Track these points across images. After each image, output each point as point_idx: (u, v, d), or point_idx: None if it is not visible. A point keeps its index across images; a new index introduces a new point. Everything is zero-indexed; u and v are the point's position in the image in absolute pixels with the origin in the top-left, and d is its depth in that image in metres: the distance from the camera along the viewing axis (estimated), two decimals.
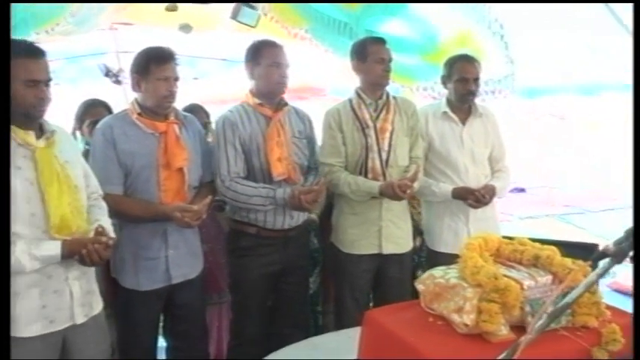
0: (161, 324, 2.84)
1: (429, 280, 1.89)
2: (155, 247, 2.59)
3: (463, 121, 3.20)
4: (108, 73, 5.74)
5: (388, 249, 2.99)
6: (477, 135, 3.20)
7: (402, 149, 3.01)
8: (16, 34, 3.37)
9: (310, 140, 3.02)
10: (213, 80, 6.66)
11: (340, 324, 2.98)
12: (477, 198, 3.04)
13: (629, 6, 3.27)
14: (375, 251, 2.98)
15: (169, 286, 2.63)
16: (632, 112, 3.22)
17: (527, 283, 1.75)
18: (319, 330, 3.36)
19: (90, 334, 2.23)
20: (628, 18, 4.18)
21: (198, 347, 2.83)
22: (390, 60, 2.99)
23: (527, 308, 1.71)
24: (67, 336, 2.17)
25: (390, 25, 4.98)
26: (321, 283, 3.43)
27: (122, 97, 4.95)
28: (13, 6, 4.07)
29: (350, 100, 3.04)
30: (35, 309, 2.08)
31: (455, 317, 1.73)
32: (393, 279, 3.01)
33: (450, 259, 2.04)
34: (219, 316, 3.35)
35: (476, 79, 3.16)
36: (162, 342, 2.90)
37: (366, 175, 2.94)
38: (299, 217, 2.91)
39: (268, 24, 4.92)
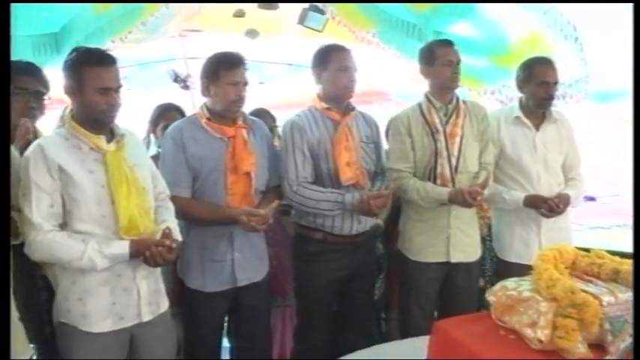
0: (225, 324, 2.88)
1: (501, 291, 1.82)
2: (221, 249, 2.62)
3: (537, 127, 3.08)
4: (176, 78, 5.88)
5: (456, 257, 2.92)
6: (550, 141, 3.07)
7: (472, 155, 2.93)
8: (93, 43, 3.52)
9: (377, 145, 2.99)
10: (279, 85, 6.71)
11: (405, 332, 2.93)
12: (550, 207, 2.93)
13: None
14: (443, 259, 2.91)
15: (235, 288, 2.66)
16: (633, 112, 3.07)
17: (606, 299, 1.65)
18: (383, 337, 3.32)
19: (156, 332, 2.29)
20: None
21: (262, 349, 2.85)
22: (458, 62, 2.92)
23: (607, 326, 1.61)
24: (135, 333, 2.24)
25: (459, 26, 4.89)
26: (386, 290, 3.39)
27: (190, 103, 5.05)
28: (93, 16, 4.28)
29: (419, 105, 2.98)
30: (106, 306, 2.16)
31: (528, 332, 1.65)
32: (460, 288, 2.94)
33: (520, 269, 1.97)
34: (283, 320, 3.37)
35: (555, 83, 3.03)
36: (226, 342, 2.94)
37: (434, 181, 2.88)
38: (367, 223, 2.87)
39: (335, 28, 4.91)
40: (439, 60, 2.90)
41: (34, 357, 2.26)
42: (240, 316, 2.76)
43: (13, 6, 3.79)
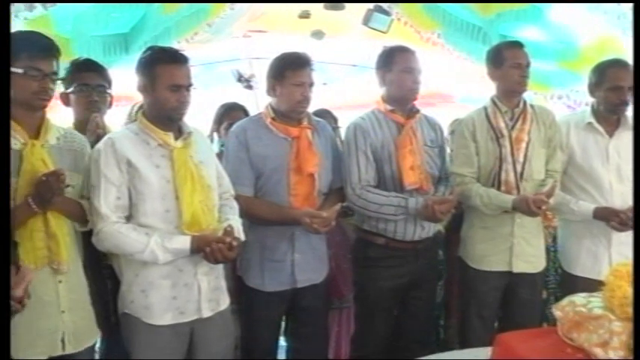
0: (283, 324, 2.89)
1: (569, 307, 1.74)
2: (282, 250, 2.63)
3: (610, 134, 2.92)
4: (240, 78, 5.96)
5: (519, 267, 2.82)
6: (625, 149, 2.88)
7: (538, 161, 2.83)
8: (160, 43, 3.61)
9: (442, 149, 2.94)
10: (341, 86, 6.71)
11: (464, 341, 2.87)
12: (622, 220, 2.76)
13: None
14: (505, 269, 2.83)
15: (294, 289, 2.66)
16: (633, 113, 2.81)
17: None
18: (441, 344, 3.28)
19: (216, 328, 2.32)
20: None
21: (318, 350, 2.84)
22: (527, 65, 2.82)
23: None
24: (195, 328, 2.27)
25: (526, 30, 4.75)
26: (445, 296, 3.34)
27: (253, 102, 5.11)
28: (161, 17, 4.38)
29: (485, 108, 2.90)
30: (167, 299, 2.20)
31: (598, 352, 1.58)
32: (522, 299, 2.84)
33: (586, 284, 1.88)
34: (339, 321, 3.35)
35: (630, 88, 2.83)
36: (282, 342, 2.95)
37: (499, 188, 2.80)
38: (430, 229, 2.83)
39: (400, 28, 4.86)
40: (507, 62, 2.82)
41: (97, 344, 2.34)
42: (297, 316, 2.77)
43: (85, 7, 3.96)
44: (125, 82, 3.47)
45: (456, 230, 3.07)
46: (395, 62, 2.77)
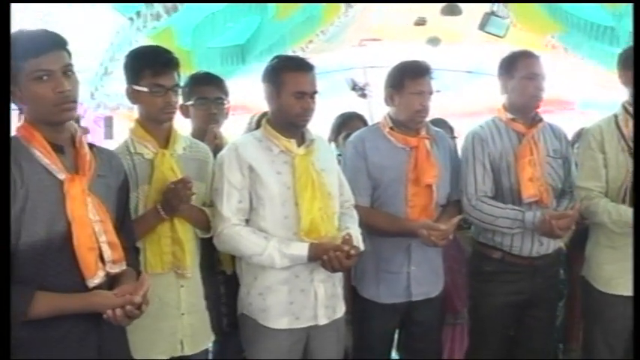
0: (396, 337, 2.84)
1: None
2: (397, 261, 2.59)
3: None
4: (355, 87, 5.98)
5: None
6: None
7: None
8: (276, 52, 3.68)
9: (566, 160, 2.78)
10: (456, 93, 6.58)
11: None
12: None
13: None
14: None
15: (408, 302, 2.62)
16: (633, 113, 2.54)
17: None
18: None
19: (330, 336, 2.33)
20: None
21: None
22: None
23: None
24: (310, 334, 2.30)
25: None
26: (566, 318, 3.16)
27: (366, 111, 5.11)
28: (275, 25, 4.49)
29: (615, 116, 2.69)
30: (284, 304, 2.24)
31: None
32: None
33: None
34: (453, 338, 3.25)
35: None
36: (394, 355, 2.91)
37: (629, 204, 2.58)
38: (549, 245, 2.69)
39: (518, 32, 4.69)
40: None
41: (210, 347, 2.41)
42: (411, 330, 2.72)
43: (202, 18, 4.12)
44: (241, 91, 3.58)
45: (579, 248, 2.87)
46: (517, 68, 2.67)
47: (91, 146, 1.74)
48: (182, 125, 2.41)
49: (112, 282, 1.69)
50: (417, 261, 2.59)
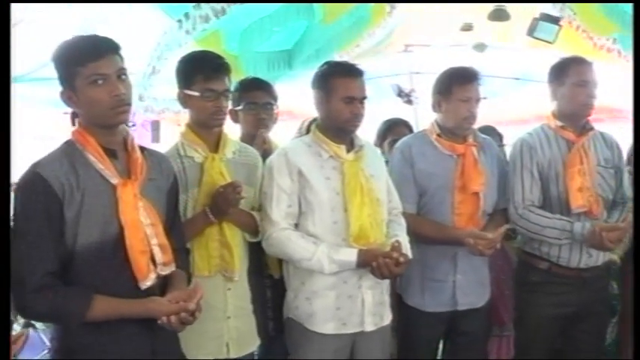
0: (440, 345, 2.81)
1: None
2: (443, 270, 2.56)
3: None
4: (400, 93, 5.93)
5: None
6: None
7: None
8: (323, 57, 3.69)
9: (618, 170, 2.71)
10: (503, 100, 6.47)
11: None
12: None
13: None
14: None
15: (453, 311, 2.59)
16: (633, 113, 2.48)
17: None
18: None
19: (375, 343, 2.33)
20: None
21: None
22: None
23: None
24: (357, 341, 2.30)
25: None
26: (619, 336, 3.03)
27: (412, 117, 5.08)
28: (322, 29, 4.49)
29: None
30: (331, 309, 2.24)
31: None
32: None
33: None
34: (499, 350, 3.19)
35: None
36: None
37: None
38: (598, 257, 2.62)
39: (570, 35, 4.51)
40: None
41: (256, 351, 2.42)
42: (456, 340, 2.69)
43: (250, 22, 4.14)
44: (287, 97, 3.58)
45: (634, 261, 2.79)
46: (568, 75, 2.61)
47: (142, 149, 1.78)
48: (231, 130, 2.45)
49: (162, 282, 1.72)
50: (463, 270, 2.56)
